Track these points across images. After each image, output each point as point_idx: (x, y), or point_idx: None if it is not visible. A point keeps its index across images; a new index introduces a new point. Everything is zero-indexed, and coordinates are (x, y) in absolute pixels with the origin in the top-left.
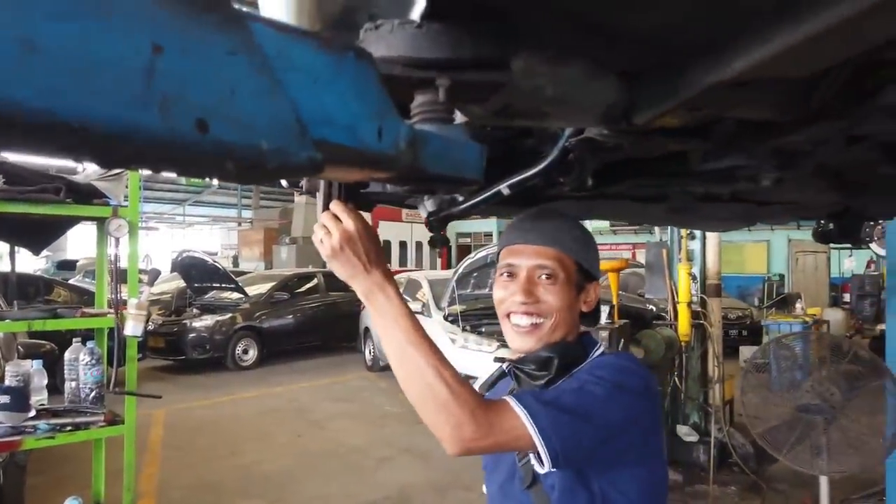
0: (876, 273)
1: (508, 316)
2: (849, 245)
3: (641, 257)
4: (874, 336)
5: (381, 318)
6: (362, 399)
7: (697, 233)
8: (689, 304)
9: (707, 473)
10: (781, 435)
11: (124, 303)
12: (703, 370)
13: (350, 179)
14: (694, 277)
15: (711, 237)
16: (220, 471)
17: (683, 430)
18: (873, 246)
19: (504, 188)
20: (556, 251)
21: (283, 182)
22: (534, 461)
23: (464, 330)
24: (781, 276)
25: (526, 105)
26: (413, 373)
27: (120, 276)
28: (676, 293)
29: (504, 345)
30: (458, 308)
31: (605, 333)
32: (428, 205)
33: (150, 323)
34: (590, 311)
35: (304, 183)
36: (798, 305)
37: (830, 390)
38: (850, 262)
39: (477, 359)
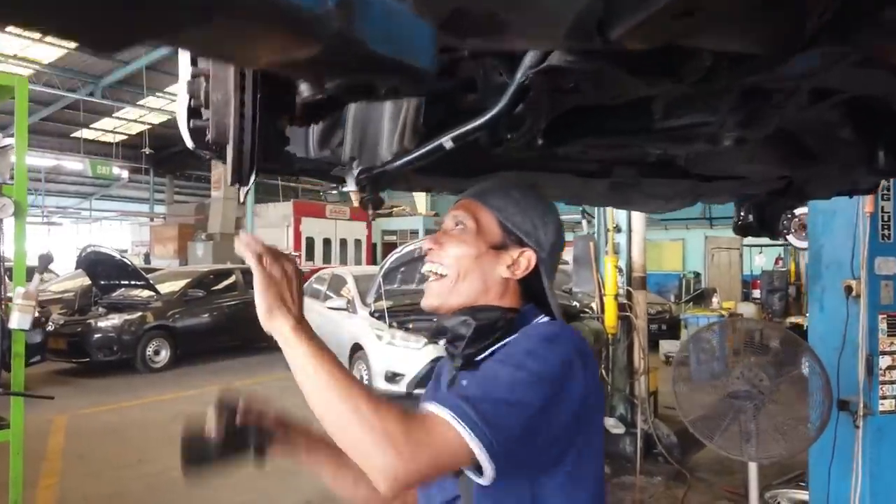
0: (784, 269)
1: (422, 269)
2: (768, 237)
3: (568, 255)
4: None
5: (301, 360)
6: (284, 400)
7: (623, 226)
8: (616, 296)
9: (633, 464)
10: (712, 423)
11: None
12: (628, 362)
13: (260, 58)
14: (620, 270)
15: (637, 231)
16: (126, 480)
17: (610, 423)
18: (791, 238)
19: (447, 140)
20: (476, 204)
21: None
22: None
23: (391, 326)
24: (697, 274)
25: (481, 10)
26: (333, 420)
27: (2, 263)
28: (603, 286)
29: (432, 342)
30: (384, 304)
31: None
32: (355, 164)
33: (51, 323)
34: (526, 281)
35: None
36: (714, 300)
37: (759, 376)
38: (760, 258)
39: (404, 356)
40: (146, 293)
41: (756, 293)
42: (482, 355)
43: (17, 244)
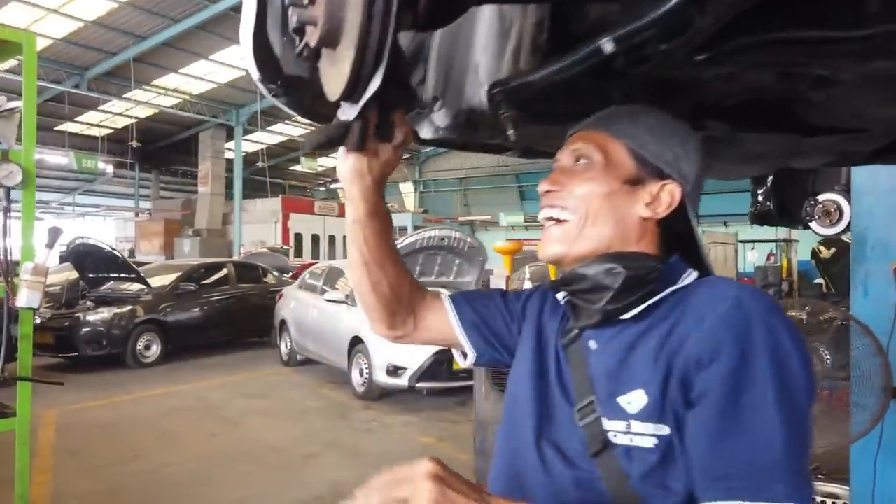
0: (776, 265)
1: (539, 216)
2: (786, 225)
3: None
4: None
5: None
6: (279, 395)
7: None
8: None
9: None
10: None
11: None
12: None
13: None
14: None
15: None
16: (122, 476)
17: None
18: (813, 225)
19: (607, 42)
20: (600, 134)
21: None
22: None
23: None
24: None
25: None
26: None
27: (9, 234)
28: None
29: None
30: None
31: None
32: (438, 105)
33: (37, 317)
34: (684, 234)
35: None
36: None
37: (822, 357)
38: (752, 254)
39: (406, 349)
40: (136, 286)
41: None
42: (629, 314)
43: (26, 217)
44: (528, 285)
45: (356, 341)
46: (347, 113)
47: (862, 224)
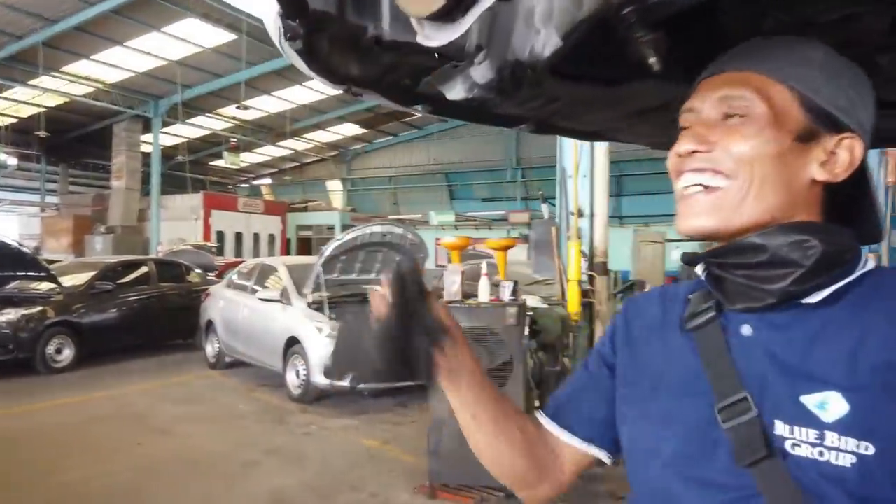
0: None
1: (679, 182)
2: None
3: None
4: None
5: None
6: (210, 400)
7: (586, 210)
8: (579, 282)
9: None
10: None
11: None
12: (590, 349)
13: None
14: (585, 255)
15: (599, 215)
16: (40, 491)
17: None
18: None
19: None
20: (758, 75)
21: None
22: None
23: (330, 318)
24: (626, 272)
25: None
26: None
27: None
28: (566, 272)
29: None
30: (323, 295)
31: (513, 310)
32: (479, 58)
33: None
34: (853, 194)
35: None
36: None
37: None
38: (677, 252)
39: None
40: (46, 285)
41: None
42: (814, 297)
43: None
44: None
45: (292, 342)
46: (434, 38)
47: None
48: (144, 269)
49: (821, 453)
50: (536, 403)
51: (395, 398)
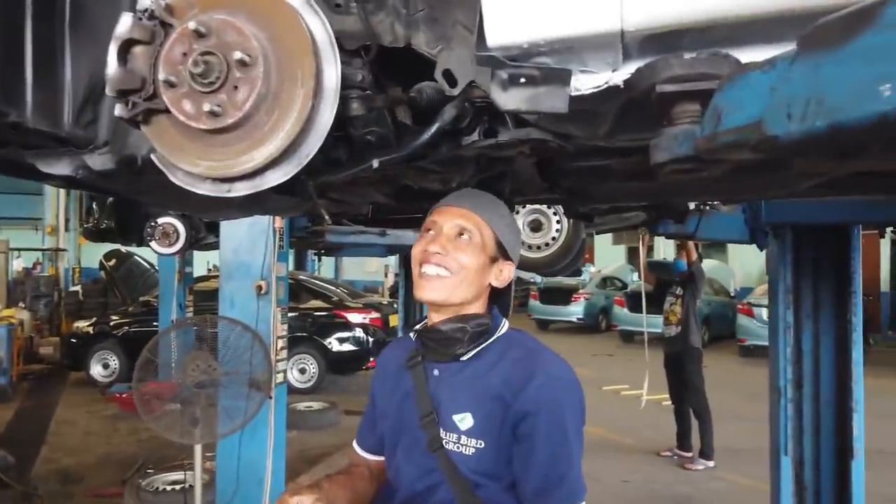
0: (49, 275)
1: (421, 266)
2: (126, 243)
3: None
4: (63, 333)
5: None
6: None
7: None
8: None
9: None
10: (173, 416)
11: None
12: None
13: None
14: None
15: None
16: None
17: None
18: (154, 245)
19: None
20: (479, 218)
21: None
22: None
23: None
24: None
25: None
26: None
27: None
28: None
29: None
30: None
31: None
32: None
33: None
34: (502, 290)
35: None
36: None
37: (213, 365)
38: (19, 262)
39: None
40: None
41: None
42: (468, 355)
43: None
44: None
45: None
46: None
47: (230, 246)
48: None
49: (458, 447)
50: None
51: None
